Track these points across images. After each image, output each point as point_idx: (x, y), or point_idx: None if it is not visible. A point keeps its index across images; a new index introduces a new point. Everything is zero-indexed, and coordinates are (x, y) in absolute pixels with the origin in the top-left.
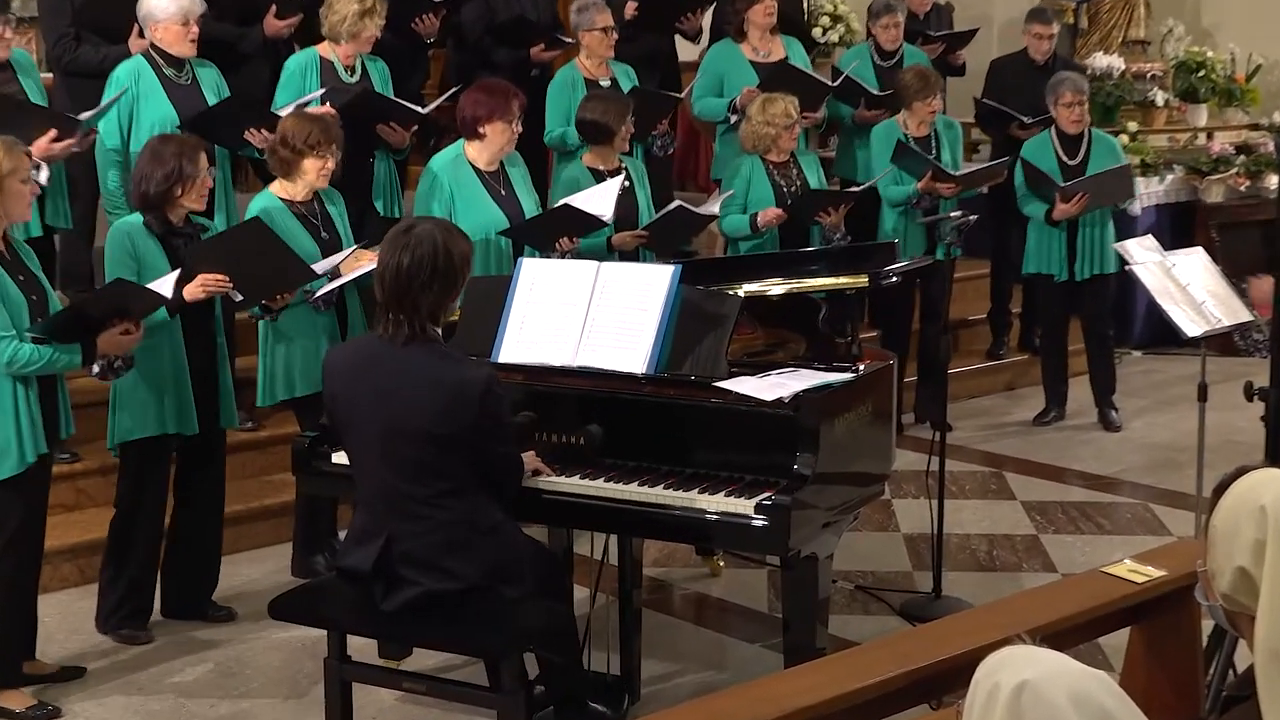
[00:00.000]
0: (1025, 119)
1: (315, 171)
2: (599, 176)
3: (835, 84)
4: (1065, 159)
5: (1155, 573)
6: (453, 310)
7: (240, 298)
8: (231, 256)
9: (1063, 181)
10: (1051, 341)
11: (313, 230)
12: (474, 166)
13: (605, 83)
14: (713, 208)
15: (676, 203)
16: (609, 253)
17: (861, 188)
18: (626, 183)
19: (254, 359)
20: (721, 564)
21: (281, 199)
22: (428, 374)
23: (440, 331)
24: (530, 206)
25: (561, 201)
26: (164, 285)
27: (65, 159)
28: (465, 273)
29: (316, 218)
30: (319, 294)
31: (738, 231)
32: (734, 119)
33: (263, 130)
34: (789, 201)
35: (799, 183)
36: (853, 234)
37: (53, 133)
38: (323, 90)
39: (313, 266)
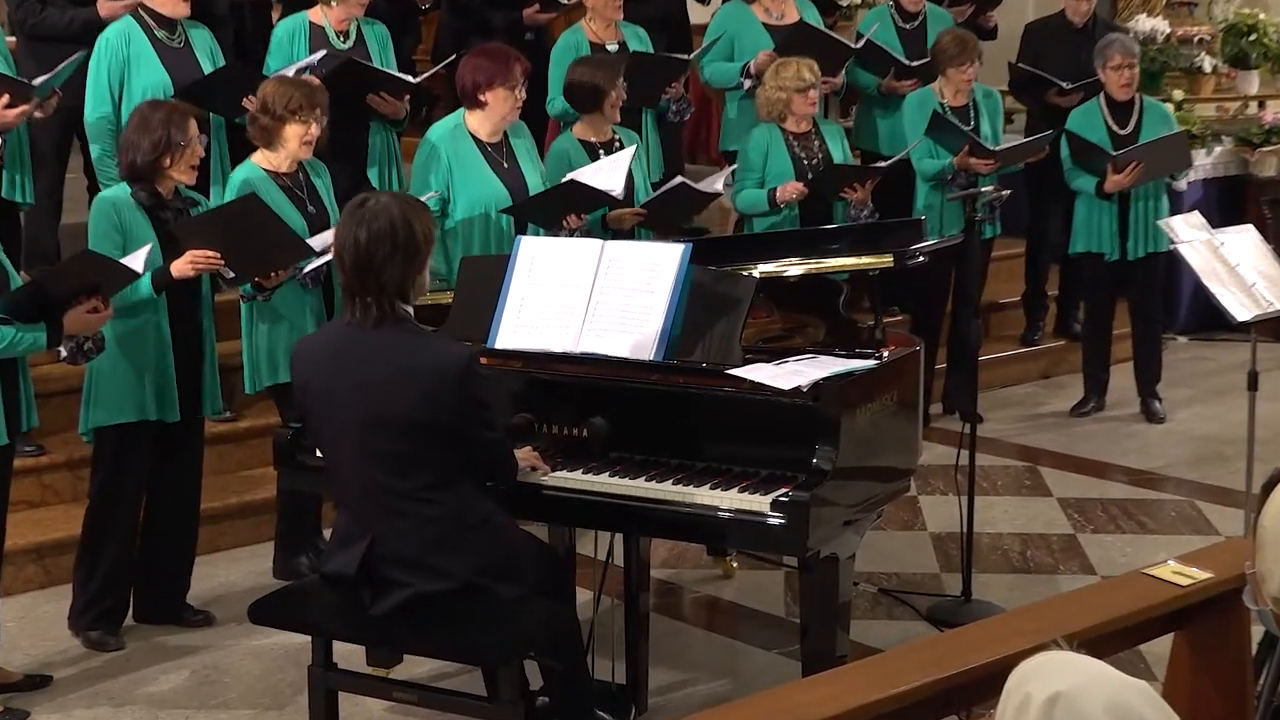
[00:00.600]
0: (1064, 84)
1: (297, 139)
2: (590, 149)
3: (857, 46)
4: (1115, 128)
5: (1201, 575)
6: (424, 287)
7: (232, 275)
8: (223, 232)
9: (1113, 153)
10: (1096, 326)
11: (298, 203)
12: (475, 137)
13: (613, 47)
14: (716, 185)
15: (678, 179)
16: (604, 230)
17: (891, 161)
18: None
19: (234, 344)
20: (735, 565)
21: (265, 170)
22: (402, 357)
23: (412, 311)
24: (535, 180)
25: (568, 177)
26: (136, 260)
27: (29, 128)
28: (428, 246)
29: (301, 190)
30: (306, 270)
31: (754, 207)
32: (747, 84)
33: None
34: (810, 175)
35: (820, 155)
36: (883, 211)
37: (4, 98)
38: (320, 55)
39: (308, 242)
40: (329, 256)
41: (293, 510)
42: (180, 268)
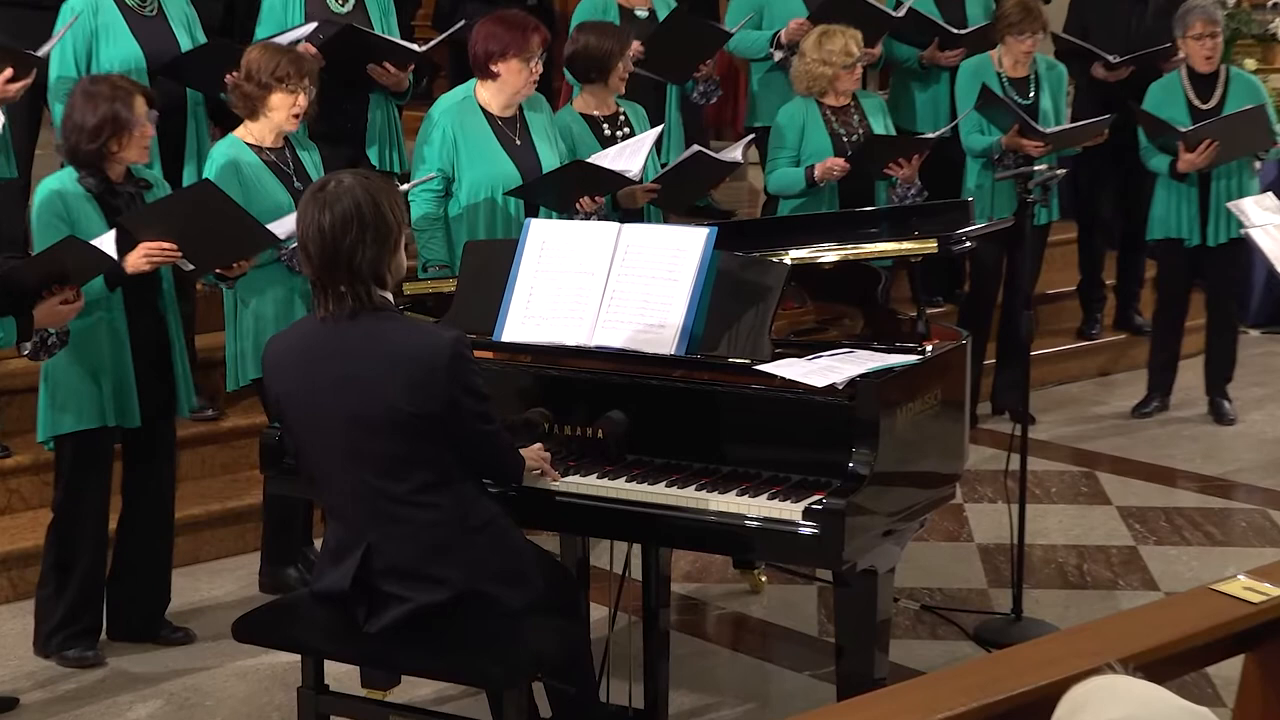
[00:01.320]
0: (1111, 58)
1: (285, 110)
2: (593, 124)
3: (898, 14)
4: (1197, 102)
5: (1274, 591)
6: (401, 269)
7: (191, 267)
8: (179, 222)
9: (1183, 129)
10: (1169, 318)
11: (285, 180)
12: (485, 111)
13: (643, 13)
14: (735, 154)
15: (694, 148)
16: (613, 210)
17: (939, 132)
18: (626, 129)
19: (218, 336)
20: (764, 579)
21: (249, 145)
22: (385, 347)
23: (391, 297)
24: (551, 160)
25: (593, 158)
26: (105, 244)
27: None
28: (400, 224)
29: (288, 165)
30: (292, 247)
31: (789, 187)
32: (778, 56)
33: None
34: (850, 153)
35: (861, 131)
36: (931, 191)
37: (8, 71)
38: (315, 24)
39: (274, 225)
40: None
41: (281, 518)
42: (134, 262)
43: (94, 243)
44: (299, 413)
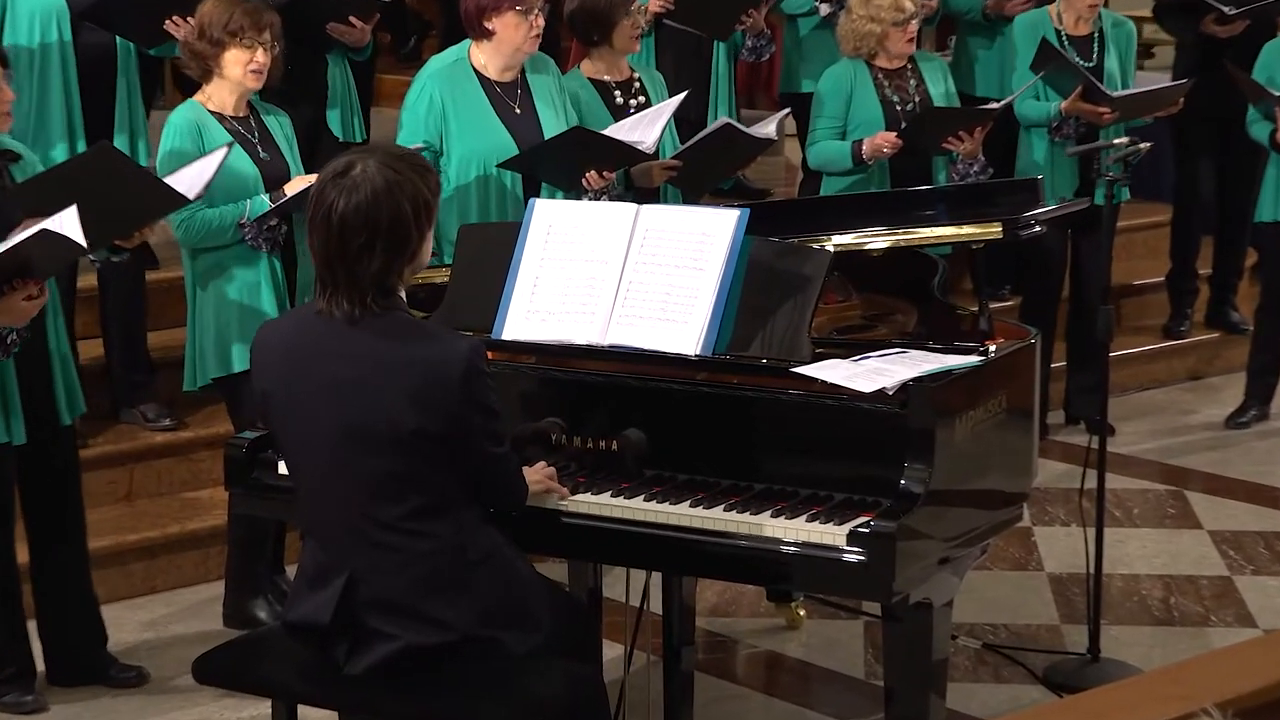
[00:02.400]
0: (1226, 9)
1: (241, 66)
2: (603, 90)
3: None
4: None
5: None
6: (421, 266)
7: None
8: (69, 196)
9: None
10: (1273, 314)
11: (248, 149)
12: (481, 75)
13: None
14: (768, 129)
15: (722, 119)
16: (626, 190)
17: (1005, 101)
18: (640, 97)
19: (175, 334)
20: (802, 613)
21: (210, 111)
22: (389, 350)
23: (404, 296)
24: (556, 129)
25: (609, 130)
26: (66, 225)
27: None
28: (422, 229)
29: (252, 134)
30: (255, 218)
31: (833, 164)
32: (825, 10)
33: (189, 19)
34: (904, 124)
35: (919, 98)
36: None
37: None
38: None
39: (177, 175)
40: (285, 200)
41: (248, 541)
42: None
43: (56, 228)
44: (284, 415)
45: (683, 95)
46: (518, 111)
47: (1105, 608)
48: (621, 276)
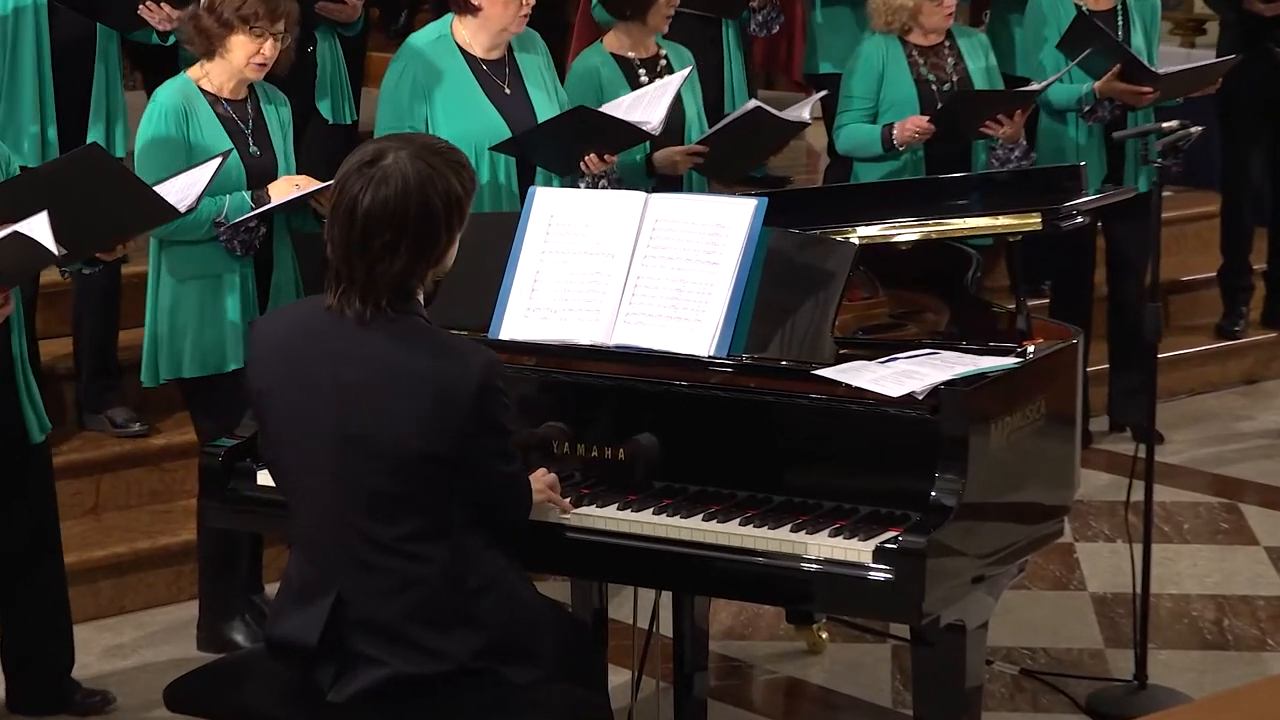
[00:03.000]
0: None
1: (245, 55)
2: (628, 68)
3: None
4: None
5: None
6: (444, 269)
7: (61, 252)
8: (52, 198)
9: None
10: None
11: (238, 139)
12: (466, 53)
13: None
14: (803, 113)
15: (752, 103)
16: (646, 178)
17: (1046, 83)
18: (666, 77)
19: (140, 333)
20: (824, 636)
21: (202, 90)
22: (401, 363)
23: (423, 300)
24: (548, 111)
25: (606, 107)
26: (37, 230)
27: None
28: (454, 227)
29: (246, 123)
30: (234, 221)
31: (862, 149)
32: None
33: (164, 4)
34: (940, 105)
35: (957, 77)
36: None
37: None
38: None
39: (168, 184)
40: (270, 207)
41: (223, 558)
42: None
43: (28, 231)
44: (280, 415)
45: (688, 70)
46: (507, 92)
47: (1153, 630)
48: (629, 271)
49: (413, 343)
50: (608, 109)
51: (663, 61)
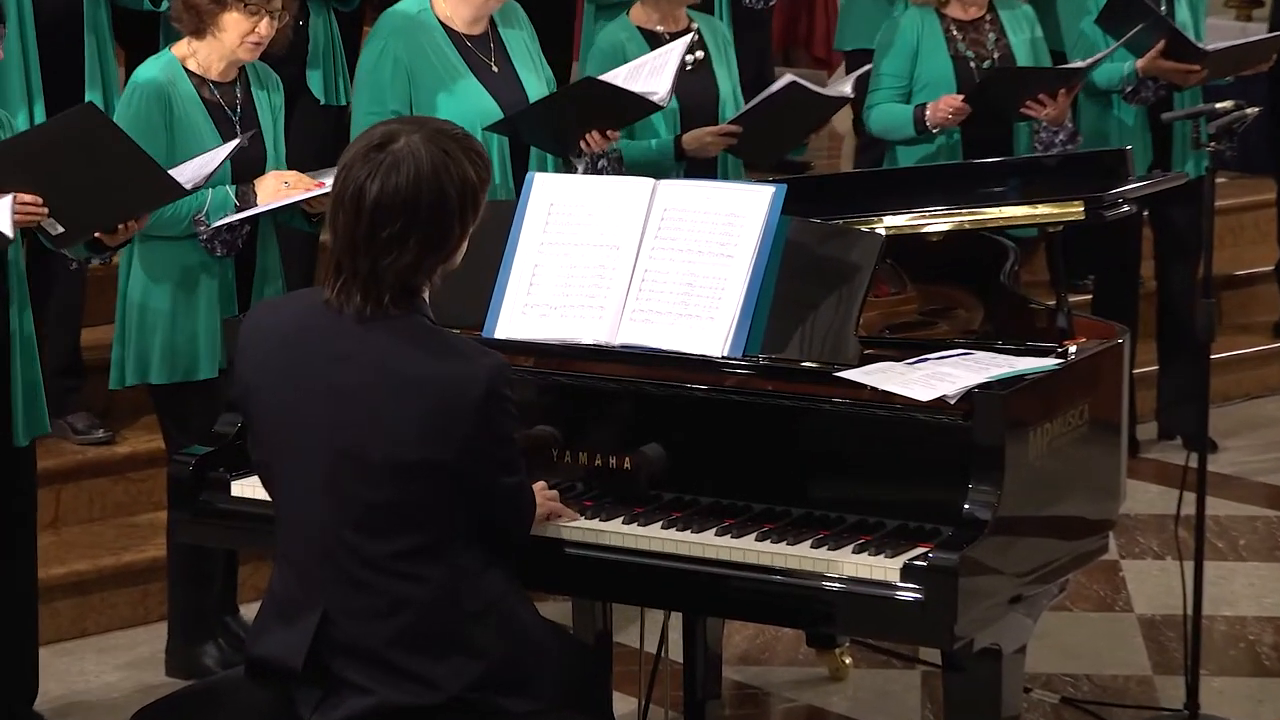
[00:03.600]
0: None
1: (239, 34)
2: (655, 42)
3: None
4: None
5: None
6: (450, 271)
7: (59, 230)
8: (48, 165)
9: None
10: None
11: (225, 128)
12: (447, 27)
13: None
14: (844, 88)
15: (788, 78)
16: (676, 162)
17: (1092, 60)
18: (699, 52)
19: (110, 331)
20: (848, 661)
21: (187, 70)
22: (401, 366)
23: (427, 298)
24: (537, 89)
25: (585, 77)
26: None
27: None
28: (468, 219)
29: (234, 108)
30: (217, 223)
31: (893, 130)
32: None
33: None
34: (977, 80)
35: (999, 54)
36: None
37: None
38: None
39: (179, 170)
40: (256, 211)
41: (196, 577)
42: None
43: None
44: (269, 416)
45: (690, 37)
46: (495, 70)
47: (1205, 655)
48: (635, 264)
49: (415, 344)
50: (609, 76)
51: (694, 35)
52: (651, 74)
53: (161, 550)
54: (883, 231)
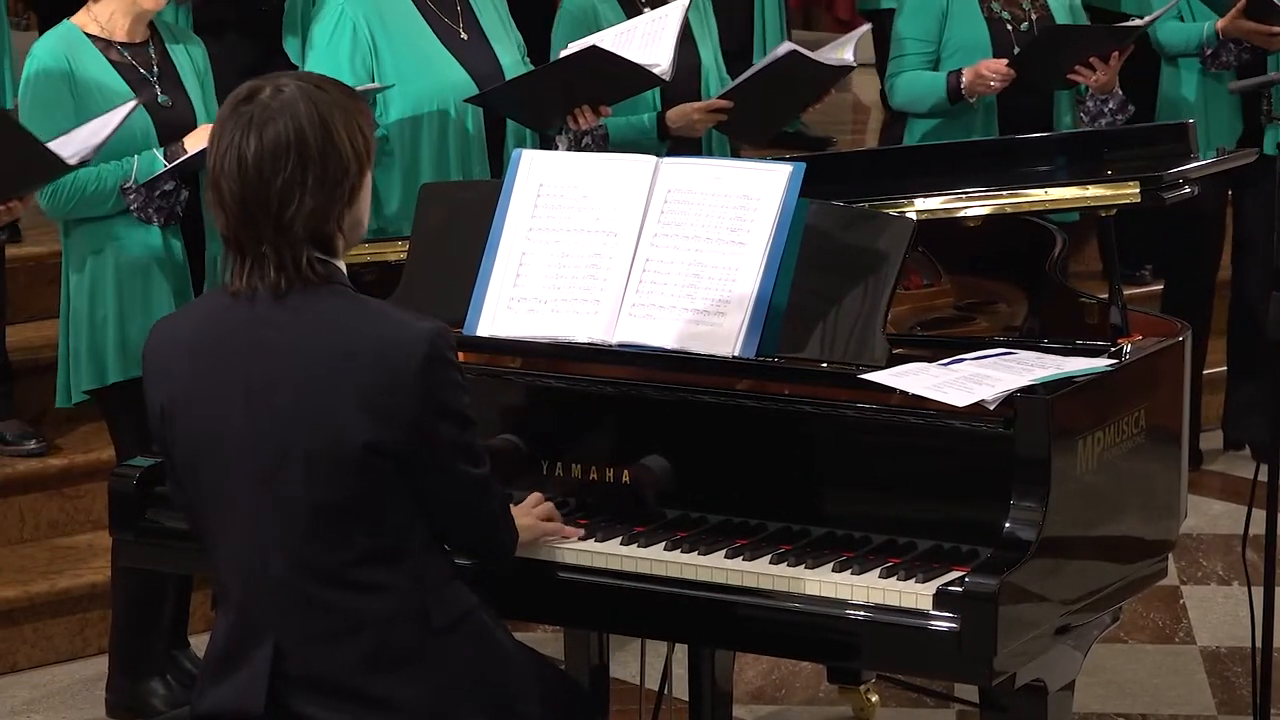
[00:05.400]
0: None
1: None
2: (631, 8)
3: None
4: None
5: None
6: (360, 225)
7: None
8: None
9: None
10: None
11: (143, 89)
12: None
13: None
14: (845, 55)
15: (786, 46)
16: (660, 141)
17: (1147, 19)
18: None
19: (44, 328)
20: (874, 699)
21: (90, 36)
22: (329, 341)
23: (342, 265)
24: (511, 59)
25: (585, 42)
26: None
27: None
28: (363, 158)
29: (151, 68)
30: (144, 182)
31: (923, 101)
32: None
33: None
34: (1016, 48)
35: (1035, 15)
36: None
37: None
38: None
39: (62, 140)
40: (186, 159)
41: (141, 604)
42: None
43: None
44: (189, 433)
45: (684, 4)
46: (464, 37)
47: (1276, 692)
48: (635, 253)
49: (340, 315)
50: (601, 40)
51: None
52: (646, 42)
53: (102, 575)
54: (914, 216)
